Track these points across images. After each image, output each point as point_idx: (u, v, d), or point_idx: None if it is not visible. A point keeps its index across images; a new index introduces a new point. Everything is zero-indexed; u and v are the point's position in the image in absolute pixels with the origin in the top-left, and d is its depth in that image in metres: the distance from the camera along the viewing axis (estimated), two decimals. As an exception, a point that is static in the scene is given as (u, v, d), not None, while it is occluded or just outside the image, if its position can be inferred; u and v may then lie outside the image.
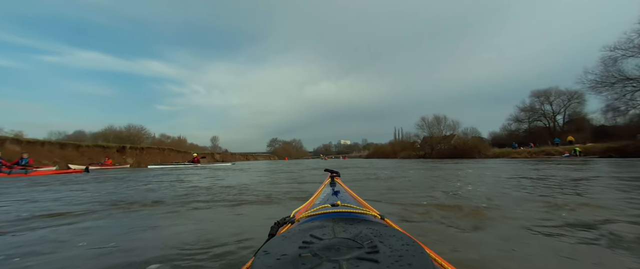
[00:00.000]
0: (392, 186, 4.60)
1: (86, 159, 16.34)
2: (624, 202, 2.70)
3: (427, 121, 33.32)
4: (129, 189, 4.80)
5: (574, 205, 2.57)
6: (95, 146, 18.45)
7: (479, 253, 1.42)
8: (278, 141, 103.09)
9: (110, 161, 16.97)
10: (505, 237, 1.68)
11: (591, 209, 2.43)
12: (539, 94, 41.42)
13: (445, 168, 9.20)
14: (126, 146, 20.87)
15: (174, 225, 2.17)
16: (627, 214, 2.20)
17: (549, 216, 2.18)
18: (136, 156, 21.44)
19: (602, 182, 4.47)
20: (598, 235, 1.67)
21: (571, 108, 39.25)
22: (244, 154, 62.28)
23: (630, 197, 2.96)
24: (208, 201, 3.32)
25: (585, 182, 4.54)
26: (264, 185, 5.13)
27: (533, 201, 2.89)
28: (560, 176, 5.46)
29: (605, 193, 3.33)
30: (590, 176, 5.43)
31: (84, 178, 7.94)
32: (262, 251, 0.45)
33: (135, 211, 2.76)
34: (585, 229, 1.80)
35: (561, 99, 39.97)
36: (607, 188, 3.74)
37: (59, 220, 2.37)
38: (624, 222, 1.95)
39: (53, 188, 5.21)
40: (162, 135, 50.43)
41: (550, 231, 1.78)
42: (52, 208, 3.02)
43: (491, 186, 4.18)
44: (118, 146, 20.25)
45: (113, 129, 33.23)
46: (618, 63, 17.55)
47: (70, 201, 3.51)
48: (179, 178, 7.16)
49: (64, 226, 2.16)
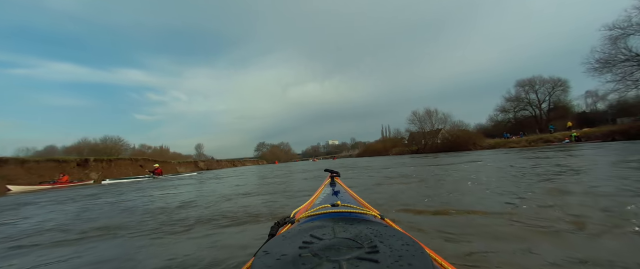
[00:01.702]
0: (401, 190, 3.62)
1: (35, 176, 13.90)
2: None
3: (418, 115, 32.32)
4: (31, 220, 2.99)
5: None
6: (47, 160, 15.70)
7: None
8: (266, 145, 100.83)
9: (66, 178, 14.52)
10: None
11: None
12: (524, 83, 41.83)
13: (447, 163, 8.31)
14: (89, 159, 18.34)
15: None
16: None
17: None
18: (102, 170, 18.98)
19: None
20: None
21: (555, 96, 39.82)
22: (231, 160, 59.64)
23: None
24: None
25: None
26: (232, 201, 3.47)
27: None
28: (588, 162, 4.98)
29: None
30: (622, 160, 4.83)
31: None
32: (262, 251, 0.44)
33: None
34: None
35: (545, 87, 40.48)
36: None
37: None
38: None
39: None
40: (142, 146, 47.52)
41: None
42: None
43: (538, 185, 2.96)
44: (79, 159, 17.68)
45: (87, 142, 31.27)
46: (619, 42, 16.74)
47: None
48: (119, 198, 5.33)
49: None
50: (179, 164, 37.56)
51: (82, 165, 17.71)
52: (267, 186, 5.75)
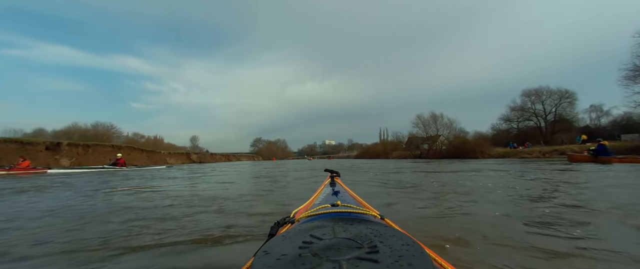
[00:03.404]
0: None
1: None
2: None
3: (423, 118, 30.77)
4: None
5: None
6: (6, 141, 13.68)
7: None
8: (262, 141, 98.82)
9: (27, 163, 12.67)
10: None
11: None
12: (530, 93, 40.71)
13: (459, 171, 7.07)
14: (62, 143, 16.47)
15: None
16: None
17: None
18: (77, 156, 17.16)
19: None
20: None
21: (562, 107, 38.70)
22: (226, 155, 57.65)
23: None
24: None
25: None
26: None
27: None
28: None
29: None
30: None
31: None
32: (262, 251, 0.44)
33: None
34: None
35: (552, 98, 39.31)
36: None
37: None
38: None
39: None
40: (136, 134, 45.29)
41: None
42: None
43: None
44: (48, 142, 15.81)
45: (78, 127, 29.50)
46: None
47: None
48: (29, 199, 3.66)
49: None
50: (169, 155, 35.45)
51: (53, 149, 15.84)
52: (262, 197, 4.13)
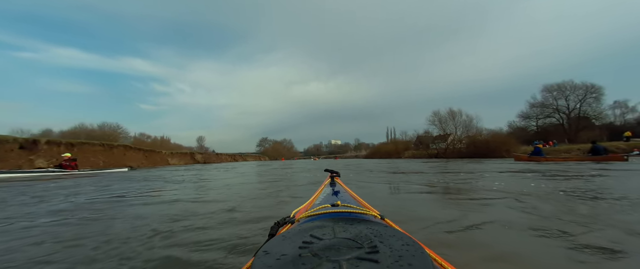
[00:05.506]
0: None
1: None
2: None
3: (440, 115, 28.30)
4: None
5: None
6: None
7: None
8: (268, 141, 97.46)
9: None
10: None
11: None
12: (552, 89, 37.51)
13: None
14: (39, 141, 14.87)
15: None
16: None
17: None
18: (58, 156, 15.57)
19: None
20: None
21: (587, 103, 35.49)
22: (232, 155, 56.10)
23: None
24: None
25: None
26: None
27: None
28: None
29: None
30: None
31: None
32: (262, 251, 0.44)
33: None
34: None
35: (576, 93, 36.04)
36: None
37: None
38: None
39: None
40: (142, 134, 44.09)
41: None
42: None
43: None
44: (24, 140, 14.21)
45: (84, 127, 29.30)
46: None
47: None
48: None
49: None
50: (171, 155, 33.75)
51: (29, 148, 14.26)
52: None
